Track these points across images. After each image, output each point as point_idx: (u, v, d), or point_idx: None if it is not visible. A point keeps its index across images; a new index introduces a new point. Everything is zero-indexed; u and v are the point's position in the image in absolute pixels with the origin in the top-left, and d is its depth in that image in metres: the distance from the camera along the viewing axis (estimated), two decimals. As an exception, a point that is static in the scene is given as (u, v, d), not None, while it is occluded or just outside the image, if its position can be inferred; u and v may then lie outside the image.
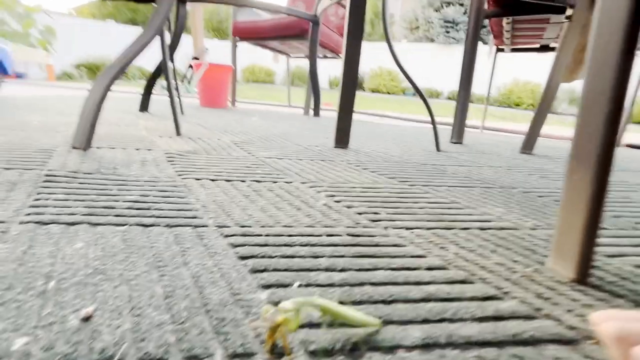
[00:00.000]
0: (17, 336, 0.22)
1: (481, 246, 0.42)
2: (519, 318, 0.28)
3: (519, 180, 0.84)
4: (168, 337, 0.23)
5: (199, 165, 0.72)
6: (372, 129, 1.93)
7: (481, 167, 0.97)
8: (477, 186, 0.74)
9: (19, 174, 0.55)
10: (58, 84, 5.09)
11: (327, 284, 0.31)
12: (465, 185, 0.74)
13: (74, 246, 0.34)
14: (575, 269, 0.34)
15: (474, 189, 0.72)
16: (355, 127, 1.19)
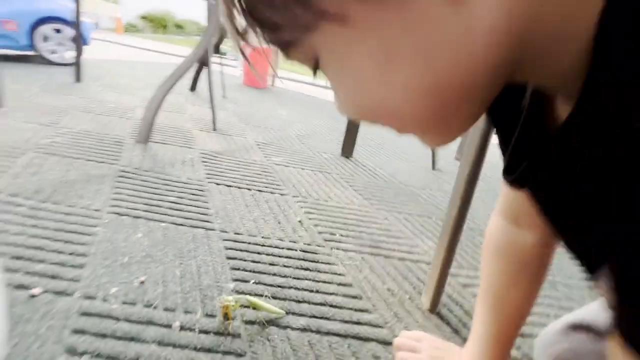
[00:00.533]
0: (112, 287, 0.46)
1: (389, 273, 0.61)
2: (370, 325, 0.48)
3: (478, 216, 0.97)
4: (178, 299, 0.46)
5: (222, 168, 0.95)
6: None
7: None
8: (433, 216, 0.90)
9: (105, 167, 0.81)
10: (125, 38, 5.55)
11: (270, 283, 0.53)
12: (424, 214, 0.90)
13: (136, 235, 0.58)
14: (429, 301, 0.52)
15: (429, 219, 0.88)
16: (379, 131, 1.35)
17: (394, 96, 0.18)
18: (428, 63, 0.17)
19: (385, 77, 0.18)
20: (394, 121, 0.20)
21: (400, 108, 0.19)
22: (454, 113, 0.19)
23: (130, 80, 2.07)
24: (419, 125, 0.20)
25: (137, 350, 0.38)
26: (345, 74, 0.19)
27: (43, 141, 0.89)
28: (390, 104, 0.19)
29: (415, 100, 0.18)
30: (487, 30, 0.16)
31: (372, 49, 0.17)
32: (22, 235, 0.52)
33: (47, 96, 1.33)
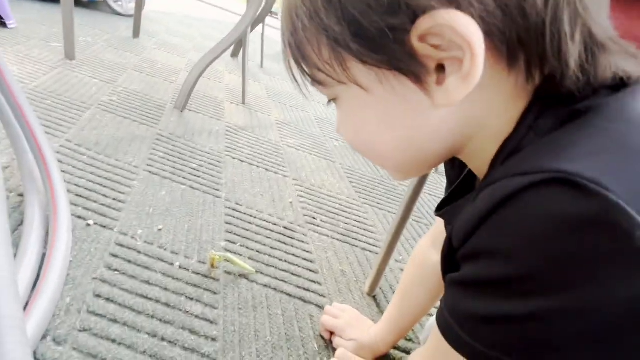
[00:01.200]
0: (138, 229, 0.64)
1: (348, 258, 0.75)
2: (316, 293, 0.64)
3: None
4: (182, 246, 0.64)
5: (241, 144, 1.10)
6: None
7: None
8: (410, 218, 1.00)
9: (146, 129, 0.99)
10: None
11: (251, 248, 0.69)
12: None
13: (161, 192, 0.76)
14: (368, 287, 0.66)
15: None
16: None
17: (380, 145, 0.28)
18: (408, 133, 0.26)
19: (379, 133, 0.27)
20: (374, 159, 0.30)
21: (381, 154, 0.29)
22: (414, 165, 0.29)
23: (182, 39, 2.23)
24: (391, 166, 0.30)
25: (148, 276, 0.56)
26: (353, 118, 0.28)
27: (103, 98, 1.09)
28: (375, 148, 0.29)
29: (393, 152, 0.28)
30: (448, 123, 0.25)
31: (377, 112, 0.26)
32: (83, 179, 0.72)
33: (109, 51, 1.53)
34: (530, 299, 0.20)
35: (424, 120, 0.25)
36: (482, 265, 0.23)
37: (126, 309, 0.50)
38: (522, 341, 0.21)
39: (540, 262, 0.20)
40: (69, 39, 1.28)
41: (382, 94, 0.25)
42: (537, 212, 0.20)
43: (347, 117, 0.29)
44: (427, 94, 0.23)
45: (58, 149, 0.78)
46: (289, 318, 0.58)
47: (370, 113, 0.26)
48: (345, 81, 0.25)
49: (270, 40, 3.13)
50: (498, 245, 0.21)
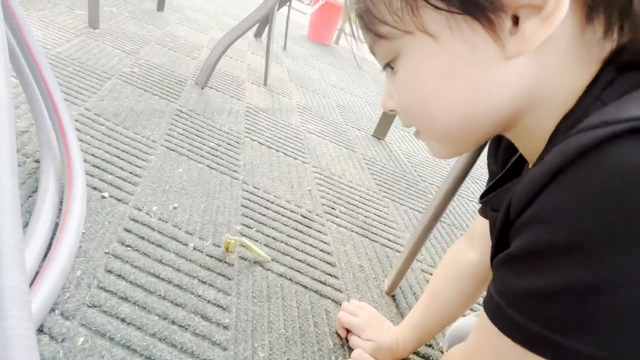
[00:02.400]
0: (153, 205, 0.62)
1: (367, 254, 0.72)
2: (332, 288, 0.61)
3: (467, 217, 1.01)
4: (197, 227, 0.61)
5: (261, 126, 1.07)
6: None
7: (472, 199, 1.14)
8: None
9: (166, 104, 0.97)
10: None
11: (267, 234, 0.66)
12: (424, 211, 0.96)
13: (178, 170, 0.74)
14: (388, 285, 0.63)
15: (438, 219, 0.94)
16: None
17: (438, 104, 0.26)
18: (471, 91, 0.24)
19: (440, 88, 0.25)
20: (426, 122, 0.28)
21: (437, 114, 0.26)
22: (462, 134, 0.27)
23: (205, 16, 2.19)
24: (441, 133, 0.28)
25: (161, 254, 0.54)
26: (413, 75, 0.26)
27: (125, 69, 1.06)
28: (432, 108, 0.26)
29: (450, 113, 0.26)
30: (517, 85, 0.23)
31: (443, 65, 0.24)
32: (101, 150, 0.70)
33: (133, 23, 1.50)
34: (599, 265, 0.18)
35: (489, 74, 0.23)
36: (542, 231, 0.20)
37: (137, 288, 0.48)
38: (586, 316, 0.19)
39: (612, 222, 0.17)
40: (94, 7, 1.26)
41: (450, 43, 0.24)
42: (620, 166, 0.17)
43: (406, 74, 0.27)
44: (499, 42, 0.22)
45: (77, 117, 0.76)
46: (304, 311, 0.55)
47: (434, 65, 0.25)
48: (413, 29, 0.24)
49: (294, 23, 3.06)
50: (563, 205, 0.19)
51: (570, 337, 0.19)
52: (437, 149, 0.30)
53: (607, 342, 0.18)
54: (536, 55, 0.22)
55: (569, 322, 0.19)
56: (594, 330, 0.18)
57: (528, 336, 0.20)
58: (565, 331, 0.19)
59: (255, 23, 1.20)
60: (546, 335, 0.20)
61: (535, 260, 0.20)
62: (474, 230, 0.44)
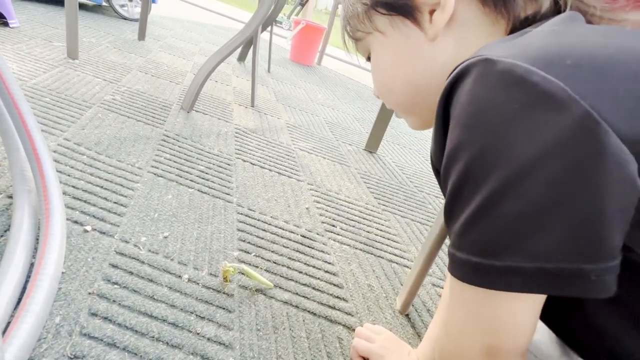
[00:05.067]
0: (142, 236, 0.57)
1: (374, 271, 0.67)
2: (343, 312, 0.56)
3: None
4: (191, 256, 0.56)
5: (251, 146, 1.04)
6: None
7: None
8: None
9: (151, 130, 0.93)
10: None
11: (267, 258, 0.61)
12: (427, 222, 0.94)
13: (167, 196, 0.69)
14: (401, 302, 0.59)
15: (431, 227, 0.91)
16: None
17: (393, 80, 0.35)
18: (411, 68, 0.33)
19: (392, 68, 0.34)
20: (390, 96, 0.36)
21: (394, 88, 0.35)
22: (421, 103, 0.34)
23: (187, 43, 2.19)
24: (401, 103, 0.36)
25: (153, 290, 0.48)
26: (377, 61, 0.36)
27: (106, 97, 1.03)
28: (389, 84, 0.35)
29: (401, 86, 0.34)
30: (443, 57, 0.31)
31: (391, 52, 0.34)
32: (82, 180, 0.65)
33: (113, 52, 1.48)
34: (490, 177, 0.22)
35: (421, 53, 0.32)
36: (454, 168, 0.24)
37: (127, 331, 0.42)
38: (505, 230, 0.21)
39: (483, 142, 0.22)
40: (72, 37, 1.23)
41: (393, 35, 0.33)
42: (468, 93, 0.23)
43: (374, 62, 0.36)
44: (422, 29, 0.31)
45: (55, 148, 0.71)
46: (315, 341, 0.50)
47: (386, 52, 0.34)
48: (372, 30, 0.34)
49: (276, 47, 3.11)
50: (458, 138, 0.23)
51: (503, 257, 0.21)
52: (410, 122, 0.37)
53: (527, 251, 0.21)
54: (452, 35, 0.30)
55: (497, 241, 0.21)
56: (514, 243, 0.21)
57: (475, 272, 0.22)
58: (497, 253, 0.21)
59: (239, 45, 1.19)
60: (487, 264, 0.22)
61: (456, 194, 0.24)
62: None
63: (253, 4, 9.03)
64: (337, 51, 4.42)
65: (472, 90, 0.22)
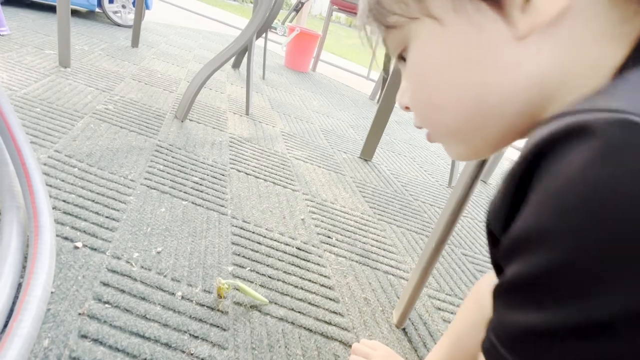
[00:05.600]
0: (134, 252, 0.56)
1: (370, 284, 0.67)
2: (339, 327, 0.55)
3: (478, 242, 0.99)
4: (184, 272, 0.55)
5: (246, 156, 1.03)
6: (419, 133, 2.03)
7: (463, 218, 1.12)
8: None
9: (144, 140, 0.92)
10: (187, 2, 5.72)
11: (262, 273, 0.61)
12: (423, 232, 0.94)
13: (160, 209, 0.68)
14: (398, 316, 0.58)
15: (427, 237, 0.91)
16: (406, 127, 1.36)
17: (444, 92, 0.23)
18: (478, 76, 0.22)
19: (446, 74, 0.23)
20: (433, 115, 0.25)
21: (444, 104, 0.24)
22: (478, 130, 0.24)
23: (181, 50, 2.18)
24: (450, 127, 0.25)
25: (145, 309, 0.47)
26: (420, 61, 0.24)
27: (99, 107, 1.01)
28: (438, 97, 0.24)
29: (457, 102, 0.23)
30: (531, 67, 0.20)
31: (448, 49, 0.22)
32: (73, 194, 0.64)
33: (106, 60, 1.47)
34: (586, 301, 0.15)
35: (499, 57, 0.21)
36: (523, 259, 0.17)
37: (118, 353, 0.41)
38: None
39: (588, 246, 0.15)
40: (64, 45, 1.22)
41: (455, 25, 0.22)
42: (567, 171, 0.15)
43: (413, 61, 0.25)
44: (508, 20, 0.20)
45: (45, 161, 0.70)
46: (311, 359, 0.49)
47: (439, 49, 0.23)
48: (419, 15, 0.23)
49: (271, 53, 3.12)
50: (546, 225, 0.16)
51: None
52: (452, 149, 0.26)
53: None
54: (552, 33, 0.19)
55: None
56: None
57: None
58: None
59: (234, 54, 1.19)
60: None
61: (519, 292, 0.17)
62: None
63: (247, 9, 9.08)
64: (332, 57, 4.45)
65: (595, 168, 0.15)
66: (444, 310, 0.67)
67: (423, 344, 0.58)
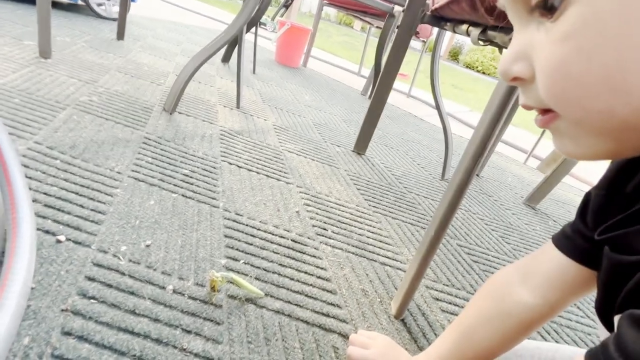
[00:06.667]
0: (122, 245, 0.53)
1: (368, 275, 0.66)
2: (337, 319, 0.54)
3: (473, 234, 0.99)
4: (175, 266, 0.53)
5: (238, 149, 1.01)
6: (411, 128, 2.03)
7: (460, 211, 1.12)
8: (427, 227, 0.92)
9: (131, 132, 0.88)
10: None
11: (257, 266, 0.59)
12: (418, 223, 0.93)
13: (149, 202, 0.65)
14: (397, 307, 0.57)
15: (422, 229, 0.91)
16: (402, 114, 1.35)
17: (628, 72, 0.17)
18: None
19: (619, 43, 0.17)
20: (573, 90, 0.19)
21: (624, 87, 0.17)
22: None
23: (168, 44, 2.13)
24: (607, 115, 0.19)
25: (134, 303, 0.45)
26: (587, 24, 0.18)
27: (82, 98, 0.97)
28: (618, 77, 0.18)
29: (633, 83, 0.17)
30: None
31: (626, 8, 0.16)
32: (55, 186, 0.60)
33: (90, 52, 1.42)
34: None
35: None
36: None
37: (105, 350, 0.39)
38: None
39: None
40: (45, 35, 1.17)
41: None
42: None
43: (568, 33, 0.19)
44: None
45: (24, 152, 0.66)
46: (310, 352, 0.47)
47: (616, 14, 0.17)
48: None
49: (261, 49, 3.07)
50: None
51: None
52: (580, 144, 0.21)
53: None
54: None
55: None
56: None
57: None
58: None
59: (223, 45, 1.16)
60: None
61: None
62: (532, 267, 0.37)
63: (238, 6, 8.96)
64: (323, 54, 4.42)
65: None
66: (442, 300, 0.66)
67: (422, 335, 0.57)
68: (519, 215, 1.26)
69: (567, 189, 1.77)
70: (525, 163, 2.13)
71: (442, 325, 0.60)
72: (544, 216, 1.34)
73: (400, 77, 3.21)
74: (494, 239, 1.01)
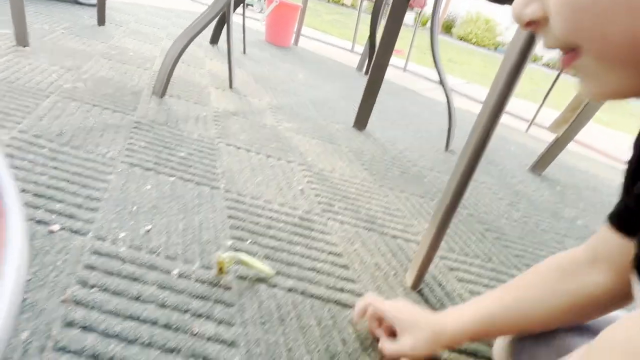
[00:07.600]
0: (121, 232, 0.50)
1: (379, 249, 0.64)
2: (352, 294, 0.52)
3: (481, 203, 0.97)
4: (179, 250, 0.50)
5: (234, 130, 0.97)
6: (410, 102, 1.98)
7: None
8: (435, 198, 0.90)
9: (121, 117, 0.84)
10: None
11: (265, 245, 0.56)
12: (426, 195, 0.91)
13: (145, 187, 0.62)
14: (412, 278, 0.55)
15: (431, 201, 0.89)
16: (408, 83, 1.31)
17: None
18: None
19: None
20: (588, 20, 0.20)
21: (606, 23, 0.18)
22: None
23: (153, 28, 2.04)
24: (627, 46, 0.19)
25: (138, 290, 0.42)
26: None
27: (66, 85, 0.92)
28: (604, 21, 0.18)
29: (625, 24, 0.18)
30: None
31: None
32: (44, 175, 0.57)
33: (70, 39, 1.35)
34: None
35: None
36: None
37: (111, 339, 0.37)
38: None
39: None
40: (20, 22, 1.10)
41: None
42: None
43: None
44: None
45: (8, 142, 0.62)
46: (327, 329, 0.45)
47: None
48: None
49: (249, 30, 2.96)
50: None
51: None
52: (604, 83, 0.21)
53: None
54: None
55: None
56: None
57: None
58: None
59: (209, 22, 1.10)
60: None
61: None
62: (599, 249, 0.35)
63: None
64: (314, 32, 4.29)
65: None
66: (457, 269, 0.65)
67: (441, 304, 0.55)
68: (525, 182, 1.24)
69: (571, 156, 1.75)
70: (527, 132, 2.10)
71: (459, 295, 0.58)
72: (551, 182, 1.32)
73: (395, 53, 3.11)
74: (503, 206, 0.99)
